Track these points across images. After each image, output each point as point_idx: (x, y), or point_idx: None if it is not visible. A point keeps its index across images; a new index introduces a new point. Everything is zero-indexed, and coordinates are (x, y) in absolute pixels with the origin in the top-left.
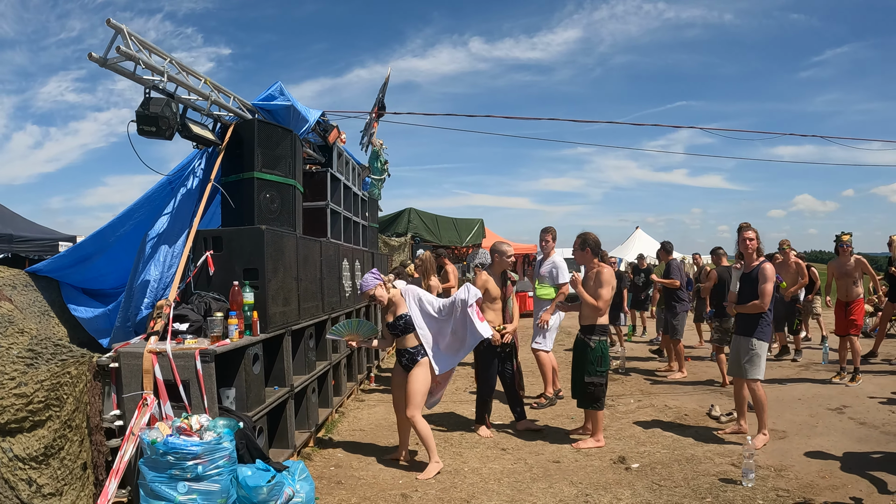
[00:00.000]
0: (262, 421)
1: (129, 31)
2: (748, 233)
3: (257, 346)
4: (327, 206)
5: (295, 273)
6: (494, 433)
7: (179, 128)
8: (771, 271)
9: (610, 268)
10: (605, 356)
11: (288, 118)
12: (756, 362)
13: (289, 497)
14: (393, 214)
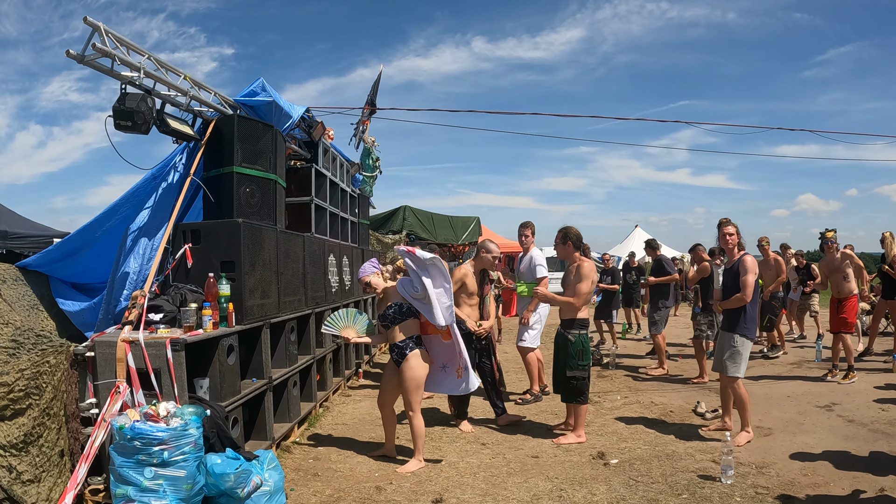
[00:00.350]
0: (238, 411)
1: (105, 28)
2: (728, 228)
3: (232, 338)
4: (311, 202)
5: (275, 267)
6: (475, 428)
7: (158, 123)
8: (752, 264)
9: (590, 262)
10: (586, 350)
11: (270, 114)
12: (736, 359)
13: (256, 485)
14: (388, 212)
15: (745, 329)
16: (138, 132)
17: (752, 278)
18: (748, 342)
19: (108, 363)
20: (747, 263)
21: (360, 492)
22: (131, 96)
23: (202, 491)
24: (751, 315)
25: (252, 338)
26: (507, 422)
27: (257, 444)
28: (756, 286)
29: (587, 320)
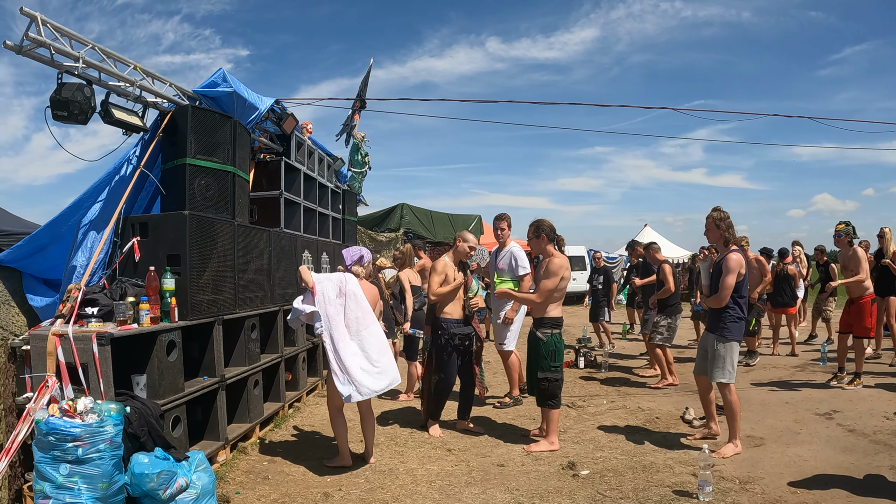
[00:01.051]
0: (181, 410)
1: (43, 18)
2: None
3: (173, 333)
4: (281, 196)
5: (231, 261)
6: (444, 432)
7: (102, 113)
8: (735, 262)
9: (562, 257)
10: (559, 350)
11: (233, 105)
12: (719, 364)
13: (181, 487)
14: (386, 210)
15: (727, 331)
16: (76, 122)
17: (731, 280)
18: (731, 344)
19: (41, 357)
20: (730, 262)
21: (306, 497)
22: (67, 86)
23: (123, 490)
24: (733, 315)
25: (204, 334)
26: (463, 428)
27: (210, 444)
28: (745, 285)
29: (560, 319)
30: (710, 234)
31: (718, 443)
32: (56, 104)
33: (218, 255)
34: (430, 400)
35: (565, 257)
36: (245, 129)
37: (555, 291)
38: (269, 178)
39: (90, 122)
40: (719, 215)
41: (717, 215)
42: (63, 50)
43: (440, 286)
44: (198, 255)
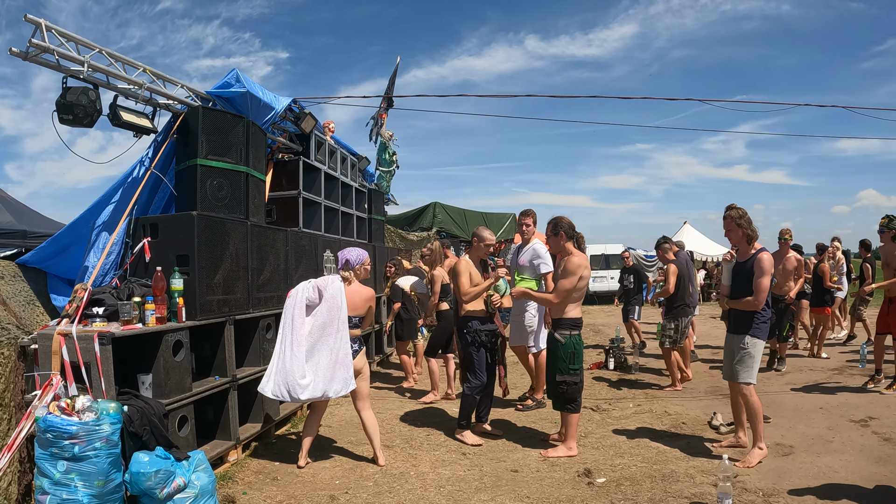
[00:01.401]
0: (189, 409)
1: (47, 24)
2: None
3: (181, 333)
4: (299, 195)
5: (244, 261)
6: (481, 439)
7: (110, 116)
8: (768, 263)
9: (581, 256)
10: (578, 352)
11: (247, 105)
12: (748, 363)
13: (178, 487)
14: (418, 209)
15: (757, 331)
16: (81, 125)
17: (766, 282)
18: (760, 343)
19: (47, 356)
20: (763, 263)
21: (311, 500)
22: (73, 90)
23: (120, 488)
24: (764, 316)
25: (216, 334)
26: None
27: (221, 443)
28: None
29: (579, 320)
30: (731, 234)
31: (745, 451)
32: (61, 108)
33: (230, 255)
34: (462, 404)
35: (584, 256)
36: (260, 129)
37: (573, 291)
38: (289, 177)
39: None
40: (738, 213)
41: (735, 213)
42: (68, 55)
43: (470, 285)
44: (207, 256)
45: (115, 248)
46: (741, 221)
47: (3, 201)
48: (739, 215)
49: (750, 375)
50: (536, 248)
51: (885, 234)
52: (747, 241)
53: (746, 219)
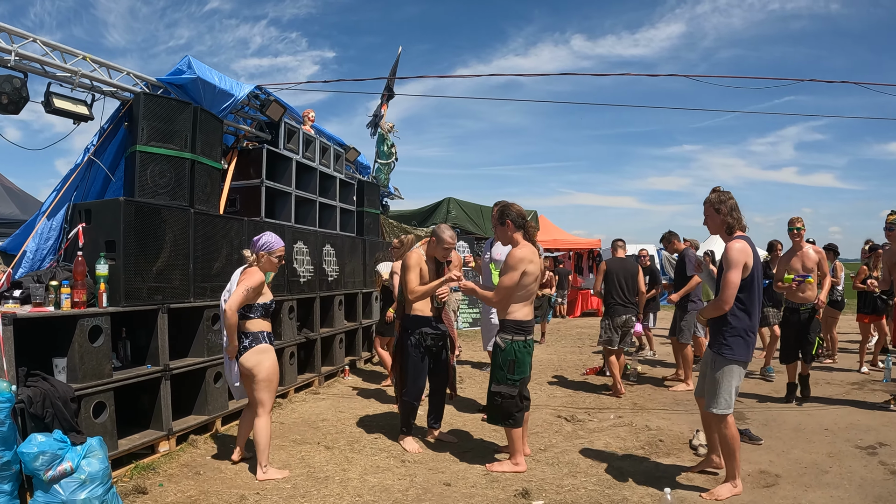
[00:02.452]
0: (106, 396)
1: None
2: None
3: (99, 319)
4: (262, 185)
5: (186, 250)
6: (422, 447)
7: (43, 102)
8: (739, 252)
9: (526, 248)
10: (521, 360)
11: (201, 92)
12: (714, 390)
13: (64, 471)
14: (432, 205)
15: (725, 348)
16: (6, 112)
17: (735, 275)
18: (731, 368)
19: None
20: (731, 252)
21: (220, 497)
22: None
23: (10, 466)
24: (735, 327)
25: (151, 323)
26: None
27: (152, 433)
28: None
29: (527, 322)
30: (709, 221)
31: (718, 479)
32: None
33: (168, 243)
34: (401, 410)
35: (531, 248)
36: (212, 116)
37: (516, 289)
38: (255, 167)
39: None
40: (718, 197)
41: (715, 197)
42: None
43: (417, 282)
44: (136, 242)
45: (54, 234)
46: (721, 207)
47: (8, 192)
48: (720, 200)
49: (718, 404)
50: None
51: (893, 233)
52: (727, 231)
53: (729, 204)
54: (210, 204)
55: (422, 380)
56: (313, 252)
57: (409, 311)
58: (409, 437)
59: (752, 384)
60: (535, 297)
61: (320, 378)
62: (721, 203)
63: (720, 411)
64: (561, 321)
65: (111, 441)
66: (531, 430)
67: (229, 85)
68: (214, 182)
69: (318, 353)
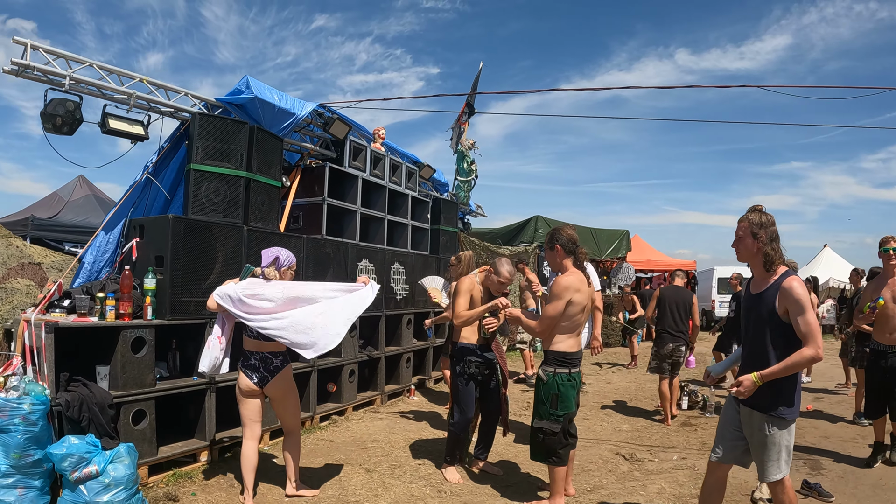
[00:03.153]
0: (148, 404)
1: (33, 44)
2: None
3: (143, 331)
4: (324, 202)
5: (238, 265)
6: (464, 477)
7: (100, 124)
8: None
9: (573, 276)
10: (565, 395)
11: (260, 111)
12: (774, 455)
13: (90, 474)
14: (520, 223)
15: (782, 410)
16: (61, 133)
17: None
18: (792, 426)
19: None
20: (797, 292)
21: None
22: (52, 102)
23: (41, 465)
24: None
25: (198, 336)
26: (481, 469)
27: (194, 443)
28: None
29: (572, 354)
30: (741, 245)
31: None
32: (43, 118)
33: (220, 258)
34: (447, 440)
35: (579, 276)
36: (271, 135)
37: (560, 319)
38: (320, 184)
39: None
40: (759, 219)
41: (756, 218)
42: (50, 70)
43: (466, 308)
44: (185, 258)
45: (111, 247)
46: (760, 232)
47: (100, 202)
48: (761, 223)
49: (780, 469)
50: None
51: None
52: (765, 264)
53: (770, 231)
54: (267, 221)
55: (470, 411)
56: (380, 270)
57: (456, 338)
58: (452, 466)
59: (837, 428)
60: (582, 327)
61: (383, 397)
62: (762, 227)
63: (780, 476)
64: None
65: (150, 448)
66: (584, 467)
67: (290, 103)
68: (273, 200)
69: (381, 372)
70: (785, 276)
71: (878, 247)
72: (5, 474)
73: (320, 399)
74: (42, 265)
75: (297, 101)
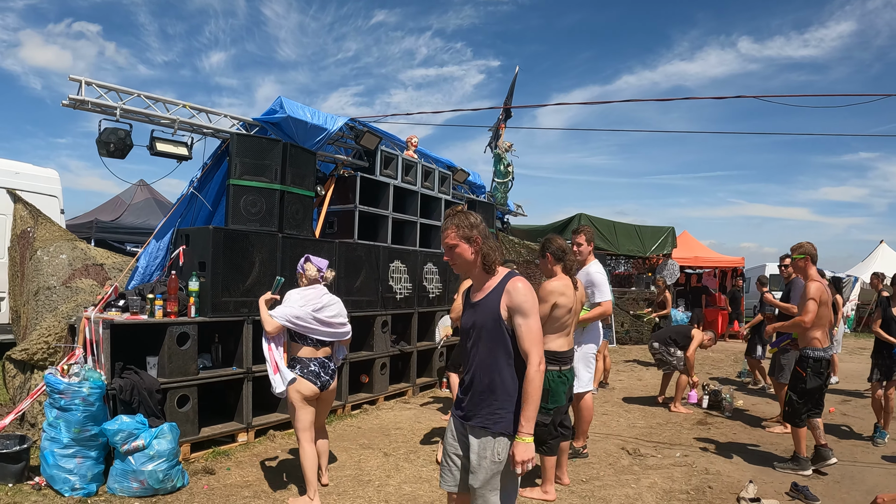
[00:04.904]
0: (191, 390)
1: (87, 80)
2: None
3: (187, 327)
4: (355, 209)
5: (273, 269)
6: None
7: (148, 147)
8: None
9: (559, 281)
10: (554, 390)
11: (293, 128)
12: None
13: (137, 447)
14: (563, 221)
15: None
16: (114, 157)
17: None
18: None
19: (81, 333)
20: (521, 292)
21: (272, 484)
22: (105, 130)
23: (96, 438)
24: None
25: (238, 332)
26: None
27: (233, 425)
28: None
29: (563, 353)
30: (455, 256)
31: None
32: (99, 145)
33: (256, 263)
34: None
35: (565, 281)
36: (303, 150)
37: (548, 320)
38: (353, 192)
39: None
40: (468, 220)
41: (463, 220)
42: (103, 103)
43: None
44: (224, 263)
45: (161, 253)
46: (472, 233)
47: (159, 205)
48: (470, 223)
49: None
50: (591, 273)
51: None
52: (485, 266)
53: (482, 229)
54: (302, 228)
55: None
56: (412, 270)
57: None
58: None
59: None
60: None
61: (414, 388)
62: (473, 228)
63: None
64: None
65: (192, 428)
66: (587, 459)
67: (322, 119)
68: (306, 208)
69: (413, 365)
70: (509, 276)
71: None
72: (66, 445)
73: (352, 389)
74: (104, 266)
75: (329, 117)
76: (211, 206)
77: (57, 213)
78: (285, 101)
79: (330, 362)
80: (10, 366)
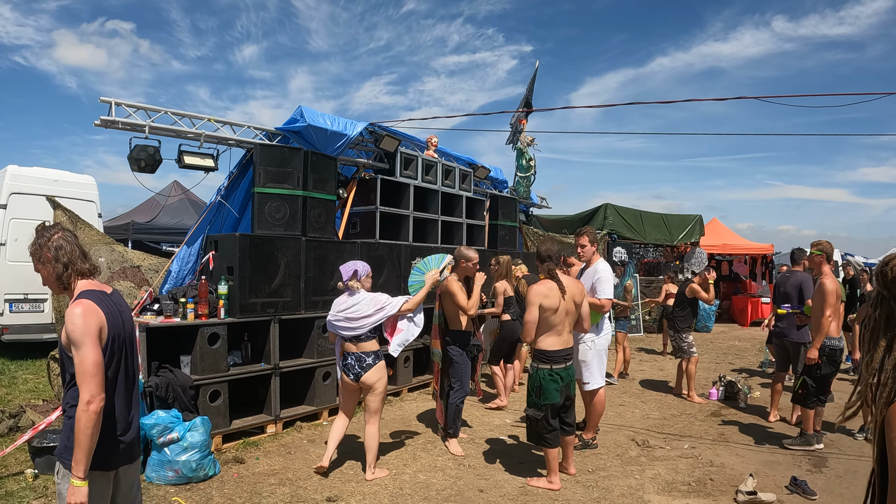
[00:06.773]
0: (222, 386)
1: (116, 101)
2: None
3: (218, 328)
4: (376, 210)
5: (297, 270)
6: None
7: (177, 160)
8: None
9: (543, 284)
10: (545, 387)
11: (313, 136)
12: None
13: (172, 439)
14: (589, 211)
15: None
16: (146, 172)
17: None
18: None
19: None
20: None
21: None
22: (136, 147)
23: None
24: None
25: (265, 330)
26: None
27: (262, 417)
28: None
29: (553, 352)
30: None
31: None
32: (131, 161)
33: (281, 265)
34: (449, 413)
35: (550, 284)
36: (323, 156)
37: (540, 322)
38: (374, 194)
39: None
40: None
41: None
42: (132, 122)
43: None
44: (250, 267)
45: (192, 258)
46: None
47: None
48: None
49: None
50: (599, 271)
51: None
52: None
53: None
54: (324, 231)
55: (468, 384)
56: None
57: (453, 327)
58: (455, 439)
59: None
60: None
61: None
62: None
63: None
64: (724, 330)
65: (224, 420)
66: (596, 450)
67: (342, 126)
68: (329, 211)
69: None
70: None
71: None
72: None
73: None
74: (141, 268)
75: (349, 123)
76: (238, 213)
77: (94, 217)
78: (305, 110)
79: (368, 357)
80: (54, 364)
